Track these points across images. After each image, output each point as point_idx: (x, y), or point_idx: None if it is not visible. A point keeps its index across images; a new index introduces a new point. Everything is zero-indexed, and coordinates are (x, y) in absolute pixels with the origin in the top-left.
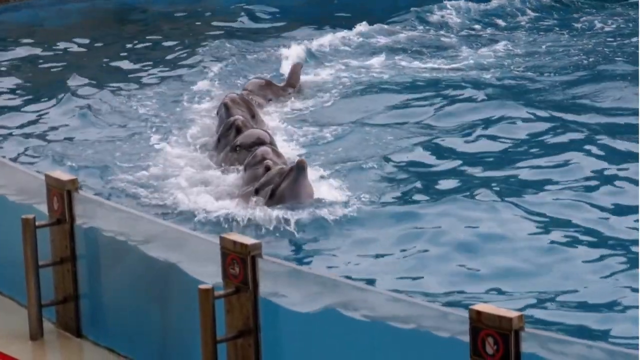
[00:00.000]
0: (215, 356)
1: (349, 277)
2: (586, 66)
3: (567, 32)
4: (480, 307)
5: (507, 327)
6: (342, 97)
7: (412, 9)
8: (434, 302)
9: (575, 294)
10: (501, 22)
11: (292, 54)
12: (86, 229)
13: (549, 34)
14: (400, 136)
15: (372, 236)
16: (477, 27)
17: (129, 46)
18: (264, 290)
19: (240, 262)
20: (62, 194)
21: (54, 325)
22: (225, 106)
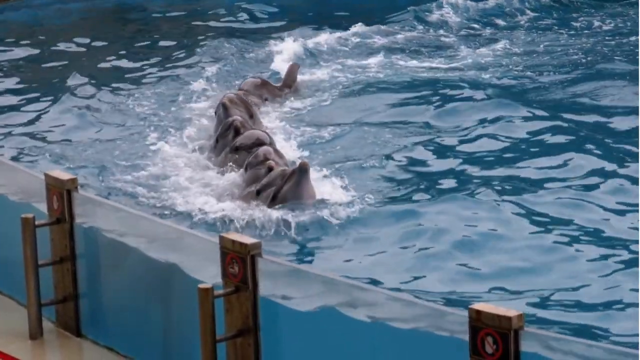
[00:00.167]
0: (214, 355)
1: (349, 277)
2: (585, 65)
3: (566, 31)
4: (479, 306)
5: (507, 326)
6: (341, 97)
7: (410, 8)
8: (434, 301)
9: (575, 293)
10: (500, 22)
11: (290, 53)
12: (86, 229)
13: (547, 33)
14: (399, 135)
15: (372, 235)
16: (475, 26)
17: (128, 46)
18: (264, 289)
19: (239, 261)
20: (61, 194)
21: (54, 324)
22: (223, 106)
